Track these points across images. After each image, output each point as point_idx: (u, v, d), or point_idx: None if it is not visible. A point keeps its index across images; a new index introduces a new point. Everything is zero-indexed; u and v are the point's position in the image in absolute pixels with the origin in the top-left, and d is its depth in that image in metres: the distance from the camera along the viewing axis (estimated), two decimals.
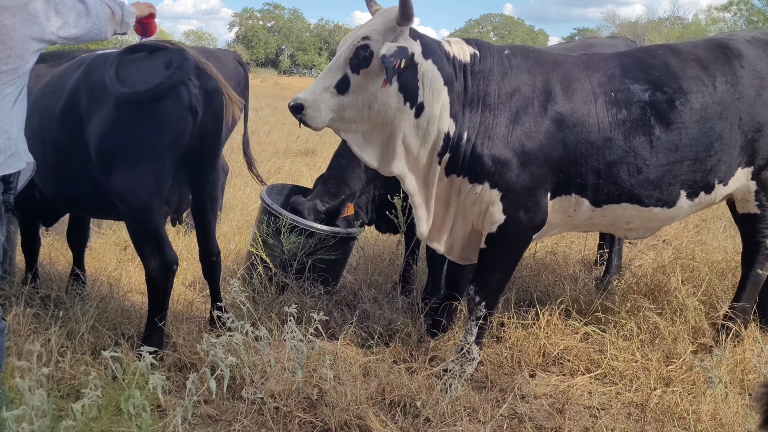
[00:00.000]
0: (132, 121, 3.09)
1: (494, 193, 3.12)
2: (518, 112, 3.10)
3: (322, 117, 2.97)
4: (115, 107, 3.10)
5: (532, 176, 3.10)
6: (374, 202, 4.31)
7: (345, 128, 3.07)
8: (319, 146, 10.97)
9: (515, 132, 3.09)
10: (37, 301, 3.81)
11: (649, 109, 3.16)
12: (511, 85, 3.12)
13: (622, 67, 3.25)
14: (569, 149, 3.13)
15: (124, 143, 3.11)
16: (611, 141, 3.13)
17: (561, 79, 3.18)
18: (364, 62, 2.93)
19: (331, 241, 4.06)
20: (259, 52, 72.71)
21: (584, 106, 3.14)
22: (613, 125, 3.14)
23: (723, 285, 4.17)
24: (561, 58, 3.31)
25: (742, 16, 44.31)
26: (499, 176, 3.10)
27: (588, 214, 3.27)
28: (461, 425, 2.77)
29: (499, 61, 3.17)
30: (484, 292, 3.25)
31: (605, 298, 4.14)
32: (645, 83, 3.19)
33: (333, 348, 3.38)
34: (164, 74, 3.08)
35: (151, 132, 3.10)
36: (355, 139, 3.10)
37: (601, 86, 3.18)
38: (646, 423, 2.84)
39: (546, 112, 3.11)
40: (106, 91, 3.12)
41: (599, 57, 3.38)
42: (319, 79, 3.01)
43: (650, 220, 3.35)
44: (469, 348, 3.24)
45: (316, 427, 2.82)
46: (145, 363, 2.47)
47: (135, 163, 3.11)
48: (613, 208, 3.26)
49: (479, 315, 3.26)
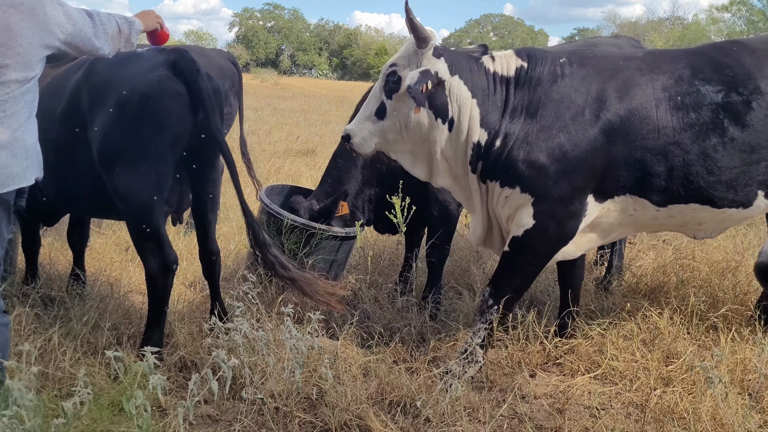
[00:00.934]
0: (134, 120, 3.10)
1: (525, 197, 3.12)
2: (564, 120, 3.08)
3: (368, 143, 3.26)
4: (118, 107, 3.11)
5: (570, 184, 3.08)
6: (371, 202, 4.32)
7: (392, 150, 3.30)
8: (319, 146, 10.98)
9: (557, 139, 3.07)
10: (38, 301, 3.81)
11: (722, 111, 3.08)
12: (559, 93, 3.12)
13: (692, 68, 3.17)
14: (619, 157, 3.08)
15: (126, 143, 3.12)
16: (675, 146, 3.07)
17: (619, 86, 3.13)
18: (394, 87, 3.16)
19: (330, 240, 4.07)
20: (259, 52, 72.73)
21: (642, 111, 3.09)
22: (678, 130, 3.07)
23: (723, 285, 4.17)
24: (622, 63, 3.23)
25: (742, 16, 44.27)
26: (531, 181, 3.09)
27: (652, 214, 3.24)
28: (461, 425, 2.77)
29: (551, 69, 3.18)
30: (499, 297, 3.24)
31: (605, 298, 4.14)
32: (718, 84, 3.12)
33: (333, 348, 3.38)
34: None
35: (153, 131, 3.11)
36: (404, 159, 3.32)
37: (665, 90, 3.12)
38: (646, 423, 2.84)
39: (597, 121, 3.08)
40: (109, 91, 3.13)
41: (667, 57, 3.29)
42: (362, 108, 3.31)
43: (723, 221, 3.31)
44: (473, 350, 3.23)
45: (316, 427, 2.82)
46: (146, 363, 2.48)
47: (137, 162, 3.12)
48: (680, 209, 3.21)
49: (489, 318, 3.26)
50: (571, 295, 3.63)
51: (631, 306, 3.94)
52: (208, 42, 74.60)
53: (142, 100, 3.11)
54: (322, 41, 78.45)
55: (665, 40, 39.67)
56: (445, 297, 4.22)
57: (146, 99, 3.11)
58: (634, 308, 3.92)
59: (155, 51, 3.36)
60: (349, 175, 4.23)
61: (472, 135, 3.14)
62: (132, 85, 3.14)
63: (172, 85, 3.15)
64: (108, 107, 3.14)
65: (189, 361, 3.27)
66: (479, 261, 4.78)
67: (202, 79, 3.19)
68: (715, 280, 4.21)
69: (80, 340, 3.30)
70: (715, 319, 3.69)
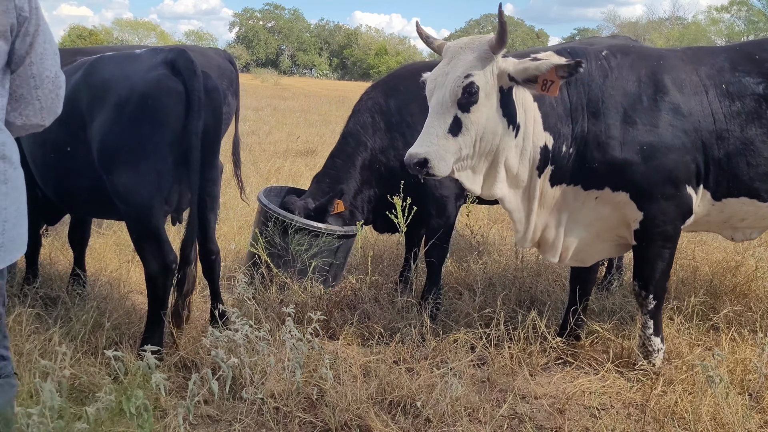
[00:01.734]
0: (134, 120, 3.10)
1: (621, 195, 3.15)
2: (627, 111, 3.10)
3: (448, 164, 2.92)
4: (117, 106, 3.10)
5: (659, 168, 3.09)
6: (370, 202, 4.32)
7: (459, 167, 3.03)
8: (319, 146, 10.98)
9: (630, 131, 3.09)
10: (38, 301, 3.81)
11: (764, 102, 3.14)
12: (614, 86, 3.13)
13: (731, 61, 3.24)
14: (690, 137, 3.12)
15: (125, 142, 3.12)
16: (727, 132, 3.13)
17: (668, 69, 3.18)
18: (474, 99, 2.90)
19: (328, 239, 4.07)
20: (260, 52, 72.75)
21: (696, 96, 3.15)
22: (728, 117, 3.14)
23: (723, 285, 4.17)
24: (665, 52, 3.31)
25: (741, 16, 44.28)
26: (619, 178, 3.11)
27: (707, 209, 3.28)
28: (461, 425, 2.77)
29: (598, 65, 3.18)
30: (649, 286, 3.29)
31: (606, 298, 4.14)
32: (758, 76, 3.19)
33: (333, 348, 3.38)
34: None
35: (152, 130, 3.11)
36: (466, 175, 3.08)
37: (710, 78, 3.18)
38: (646, 423, 2.84)
39: (657, 104, 3.11)
40: (108, 90, 3.12)
41: (705, 51, 3.36)
42: (427, 128, 2.94)
43: (764, 218, 3.34)
44: (650, 341, 3.32)
45: (316, 427, 2.82)
46: (147, 363, 2.48)
47: (136, 162, 3.12)
48: (731, 203, 3.25)
49: (650, 308, 3.31)
50: (579, 292, 3.62)
51: (632, 306, 3.94)
52: (209, 42, 74.63)
53: (141, 99, 3.11)
54: (323, 41, 78.47)
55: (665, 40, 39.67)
56: (445, 297, 4.22)
57: (145, 98, 3.11)
58: (634, 308, 3.92)
59: (153, 51, 3.36)
60: (347, 175, 4.23)
61: (537, 139, 3.10)
62: (131, 84, 3.14)
63: (171, 84, 3.14)
64: (107, 107, 3.14)
65: (189, 361, 3.27)
66: (479, 261, 4.78)
67: (197, 80, 3.17)
68: (715, 280, 4.21)
69: (80, 340, 3.31)
70: (716, 319, 3.69)
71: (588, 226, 3.31)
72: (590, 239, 3.36)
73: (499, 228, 6.10)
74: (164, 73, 3.17)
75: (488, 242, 5.38)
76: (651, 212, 3.16)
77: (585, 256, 3.43)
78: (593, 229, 3.32)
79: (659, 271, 3.29)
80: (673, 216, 3.18)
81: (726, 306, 3.76)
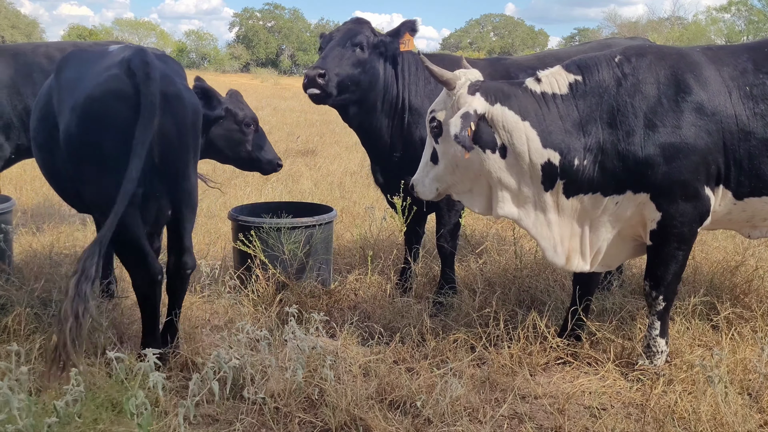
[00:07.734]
0: (84, 122, 2.91)
1: (642, 196, 3.17)
2: (646, 114, 3.10)
3: (428, 188, 3.32)
4: (72, 108, 2.93)
5: (681, 169, 3.10)
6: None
7: (454, 192, 3.34)
8: (320, 146, 10.97)
9: (651, 135, 3.09)
10: (38, 301, 3.81)
11: None
12: (629, 92, 3.14)
13: (755, 62, 3.24)
14: (713, 137, 3.13)
15: (81, 145, 2.94)
16: (750, 134, 3.13)
17: (690, 67, 3.19)
18: (438, 131, 3.20)
19: (296, 231, 4.14)
20: (260, 52, 72.70)
21: (719, 96, 3.15)
22: (750, 118, 3.14)
23: (723, 285, 4.17)
24: (686, 50, 3.32)
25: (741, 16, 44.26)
26: (641, 180, 3.12)
27: (729, 207, 3.28)
28: (461, 425, 2.77)
29: (610, 73, 3.18)
30: (660, 287, 3.30)
31: (606, 298, 4.14)
32: None
33: (333, 348, 3.38)
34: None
35: (99, 135, 2.90)
36: (466, 198, 3.34)
37: (734, 80, 3.19)
38: (646, 423, 2.84)
39: (679, 105, 3.12)
40: (69, 90, 2.99)
41: (726, 51, 3.36)
42: (422, 157, 3.37)
43: None
44: (655, 341, 3.33)
45: (316, 427, 2.82)
46: (147, 363, 2.48)
47: (93, 166, 2.94)
48: (753, 202, 3.26)
49: (658, 309, 3.31)
50: (581, 291, 3.61)
51: (632, 306, 3.94)
52: (209, 42, 74.62)
53: (87, 101, 2.91)
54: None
55: (665, 40, 39.60)
56: (445, 297, 4.22)
57: (91, 100, 2.91)
58: (635, 308, 3.92)
59: (121, 49, 3.19)
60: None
61: (533, 157, 3.11)
62: (84, 85, 2.96)
63: (119, 86, 2.88)
64: (66, 108, 2.98)
65: (189, 361, 3.26)
66: (479, 261, 4.78)
67: (152, 83, 2.85)
68: (715, 280, 4.21)
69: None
70: (716, 318, 3.69)
71: (611, 230, 3.31)
72: (615, 241, 3.36)
73: (499, 228, 6.10)
74: (115, 74, 2.93)
75: (488, 242, 5.38)
76: (669, 213, 3.16)
77: (611, 260, 3.43)
78: (616, 231, 3.32)
79: (672, 272, 3.29)
80: (690, 217, 3.19)
81: (726, 306, 3.76)
